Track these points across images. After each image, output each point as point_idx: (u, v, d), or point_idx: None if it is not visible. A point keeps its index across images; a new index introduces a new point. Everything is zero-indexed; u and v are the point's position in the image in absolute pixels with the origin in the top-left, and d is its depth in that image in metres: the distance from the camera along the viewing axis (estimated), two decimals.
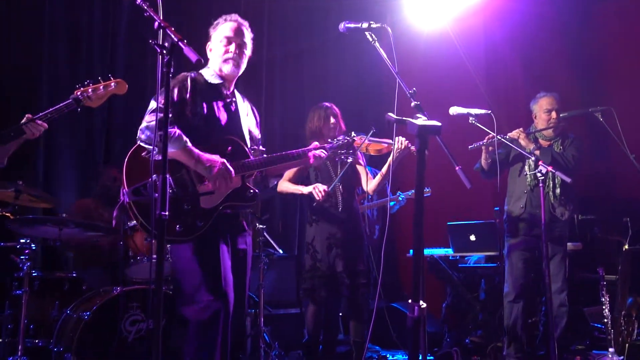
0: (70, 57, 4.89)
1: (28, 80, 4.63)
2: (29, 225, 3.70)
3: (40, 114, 2.80)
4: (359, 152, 3.63)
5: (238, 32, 2.74)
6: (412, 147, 3.62)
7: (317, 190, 3.67)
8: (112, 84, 2.87)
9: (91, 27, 4.99)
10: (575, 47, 5.61)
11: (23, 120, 2.79)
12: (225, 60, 2.71)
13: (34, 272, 3.64)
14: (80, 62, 4.92)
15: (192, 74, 2.66)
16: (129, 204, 2.39)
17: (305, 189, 3.78)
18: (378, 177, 3.89)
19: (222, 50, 2.71)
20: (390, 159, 3.70)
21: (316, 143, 2.89)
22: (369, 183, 3.89)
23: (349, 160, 3.12)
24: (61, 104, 2.82)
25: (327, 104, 3.95)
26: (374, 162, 4.85)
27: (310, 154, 2.81)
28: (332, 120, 3.85)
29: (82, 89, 2.84)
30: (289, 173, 3.89)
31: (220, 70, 2.72)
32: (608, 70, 5.46)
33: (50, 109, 2.80)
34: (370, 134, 3.57)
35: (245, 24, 2.79)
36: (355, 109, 6.03)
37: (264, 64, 5.73)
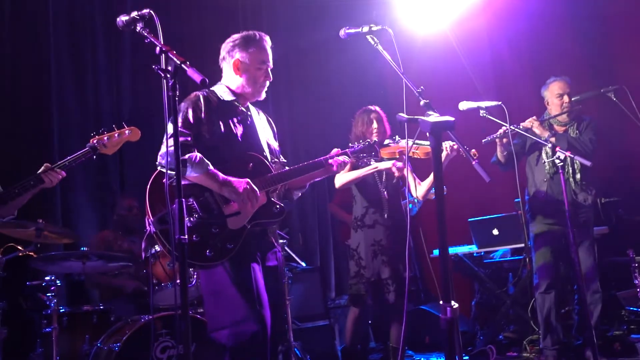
0: (77, 91, 4.94)
1: (38, 119, 4.67)
2: (52, 262, 3.72)
3: (59, 162, 2.89)
4: (404, 157, 3.53)
5: (271, 56, 2.65)
6: (460, 149, 3.52)
7: (396, 166, 3.59)
8: (127, 131, 2.99)
9: (96, 60, 5.05)
10: (581, 33, 5.55)
11: (41, 169, 2.86)
12: (262, 87, 2.65)
13: (62, 308, 3.66)
14: (87, 95, 4.97)
15: (204, 93, 2.58)
16: (155, 234, 2.35)
17: (381, 165, 3.63)
18: (427, 183, 3.77)
19: (262, 77, 2.62)
20: (442, 161, 3.60)
21: (337, 149, 2.79)
22: (418, 189, 3.80)
23: (371, 164, 3.04)
24: (78, 153, 2.93)
25: (372, 107, 3.87)
26: None
27: (331, 161, 2.70)
28: (375, 125, 3.77)
29: (97, 137, 2.95)
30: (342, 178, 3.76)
31: (251, 94, 2.64)
32: (616, 49, 5.39)
33: (68, 158, 2.91)
34: (416, 136, 3.51)
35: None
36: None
37: None
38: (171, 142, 2.27)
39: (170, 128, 2.34)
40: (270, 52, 2.65)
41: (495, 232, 4.88)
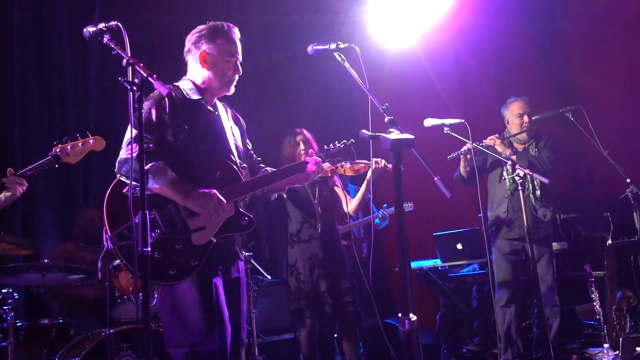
0: (42, 96, 4.84)
1: (1, 126, 4.57)
2: (10, 274, 3.63)
3: (20, 171, 2.82)
4: (335, 175, 3.64)
5: (240, 48, 2.48)
6: (389, 165, 3.67)
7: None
8: (91, 140, 2.92)
9: (62, 69, 4.97)
10: (543, 51, 5.74)
11: (6, 177, 2.79)
12: (231, 81, 2.48)
13: (19, 322, 3.56)
14: (53, 105, 4.88)
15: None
16: (114, 250, 2.20)
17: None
18: (357, 198, 3.97)
19: (230, 70, 2.45)
20: (367, 178, 3.76)
21: (311, 151, 2.76)
22: (349, 204, 3.96)
23: (347, 166, 3.04)
24: (40, 162, 2.85)
25: (297, 129, 3.97)
26: (357, 180, 4.87)
27: (309, 159, 2.61)
28: (302, 146, 3.87)
29: (60, 146, 2.88)
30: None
31: (219, 89, 2.46)
32: (575, 70, 5.60)
33: (29, 167, 2.84)
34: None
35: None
36: (329, 126, 6.10)
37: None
38: (130, 148, 2.15)
39: (129, 133, 2.21)
40: (240, 45, 2.49)
41: (459, 246, 4.98)
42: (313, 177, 2.65)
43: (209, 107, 2.48)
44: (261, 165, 2.73)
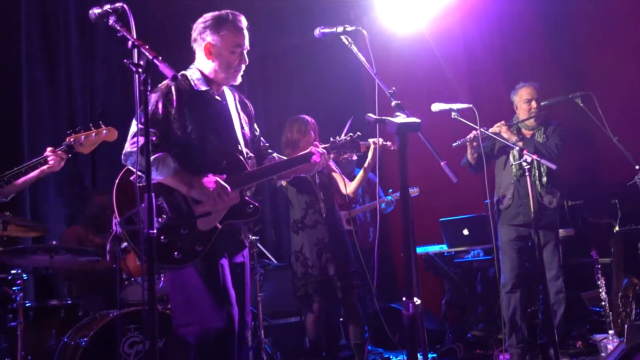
0: (50, 83, 4.85)
1: (7, 116, 4.57)
2: (19, 255, 3.67)
3: (33, 160, 2.88)
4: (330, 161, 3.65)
5: (247, 37, 2.48)
6: (388, 143, 3.67)
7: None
8: (104, 131, 2.97)
9: (69, 56, 4.96)
10: (552, 36, 5.67)
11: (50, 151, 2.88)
12: (237, 71, 2.48)
13: (28, 303, 3.61)
14: (60, 85, 4.89)
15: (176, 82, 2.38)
16: (122, 234, 2.28)
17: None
18: (356, 180, 3.97)
19: (236, 61, 2.44)
20: (368, 160, 3.78)
21: (316, 143, 2.75)
22: (348, 186, 3.97)
23: (354, 159, 3.05)
24: (59, 148, 2.91)
25: (308, 117, 3.97)
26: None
27: (315, 150, 2.62)
28: (312, 135, 3.88)
29: (74, 135, 2.93)
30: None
31: (225, 79, 2.48)
32: (585, 55, 5.53)
33: (40, 157, 2.88)
34: (345, 130, 3.63)
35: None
36: (336, 110, 6.07)
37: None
38: (135, 140, 2.26)
39: (134, 127, 2.30)
40: (247, 33, 2.48)
41: (466, 232, 4.97)
42: (318, 168, 2.68)
43: (217, 97, 2.50)
44: (269, 151, 2.75)
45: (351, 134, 2.83)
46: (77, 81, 4.98)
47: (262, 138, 2.75)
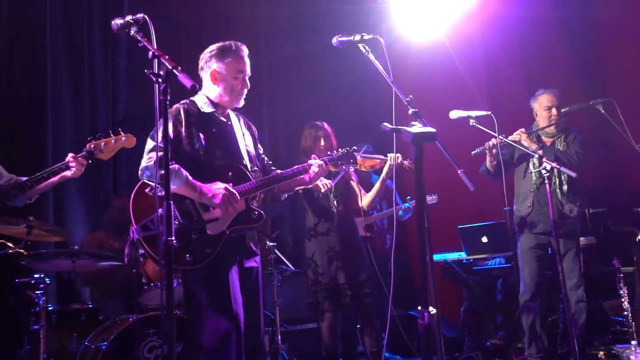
0: (72, 96, 4.95)
1: (33, 123, 4.68)
2: (42, 259, 3.74)
3: (55, 165, 2.97)
4: (351, 169, 3.69)
5: (248, 65, 2.74)
6: (406, 162, 3.70)
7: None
8: (123, 138, 3.06)
9: (92, 65, 5.07)
10: (573, 42, 5.61)
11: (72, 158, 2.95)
12: (240, 95, 2.73)
13: (50, 306, 3.67)
14: (83, 99, 4.99)
15: (184, 105, 2.67)
16: (139, 240, 2.48)
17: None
18: (371, 193, 4.02)
19: (239, 85, 2.71)
20: (382, 174, 3.81)
21: (314, 156, 2.92)
22: (364, 199, 4.02)
23: (351, 170, 3.16)
24: (80, 154, 2.98)
25: (319, 123, 4.02)
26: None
27: (311, 169, 2.82)
28: (322, 142, 3.95)
29: (94, 142, 3.02)
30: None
31: (229, 103, 2.73)
32: (606, 61, 5.45)
33: (61, 163, 2.96)
34: (363, 150, 3.71)
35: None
36: (354, 117, 6.08)
37: (263, 72, 5.78)
38: (152, 155, 2.49)
39: (150, 144, 2.55)
40: (248, 61, 2.73)
41: (485, 239, 4.92)
42: (315, 180, 2.87)
43: (222, 118, 2.74)
44: (272, 168, 2.95)
45: (347, 148, 3.06)
46: (100, 88, 5.08)
47: (265, 157, 2.96)
